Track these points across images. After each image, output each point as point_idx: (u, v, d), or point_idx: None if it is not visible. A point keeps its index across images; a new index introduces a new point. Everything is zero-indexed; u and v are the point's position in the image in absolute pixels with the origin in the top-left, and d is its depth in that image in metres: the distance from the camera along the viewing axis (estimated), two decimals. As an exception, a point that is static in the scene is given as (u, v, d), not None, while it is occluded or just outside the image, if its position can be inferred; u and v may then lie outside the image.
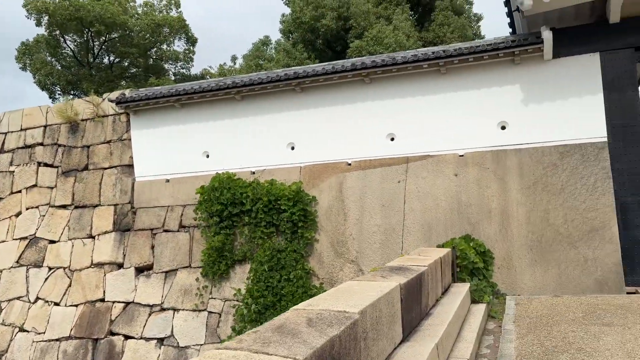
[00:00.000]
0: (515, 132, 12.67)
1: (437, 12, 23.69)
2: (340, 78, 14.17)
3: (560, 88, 12.48)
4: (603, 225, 11.38)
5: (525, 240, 11.87)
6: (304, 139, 14.57)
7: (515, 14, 13.67)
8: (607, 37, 12.27)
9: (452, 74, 13.44)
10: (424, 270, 7.10)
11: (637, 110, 11.86)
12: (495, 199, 12.35)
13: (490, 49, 12.65)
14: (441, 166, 12.97)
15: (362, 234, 13.23)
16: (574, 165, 11.92)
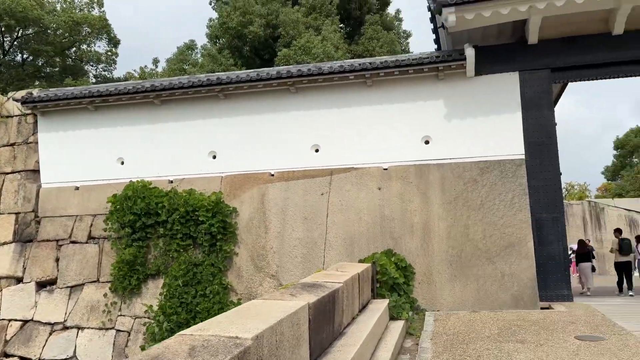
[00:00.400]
0: (439, 147, 12.77)
1: (366, 26, 23.90)
2: (265, 86, 13.79)
3: (481, 105, 12.72)
4: (519, 240, 11.62)
5: (446, 255, 11.91)
6: (226, 148, 14.03)
7: (440, 30, 13.90)
8: (526, 57, 12.67)
9: (378, 87, 13.41)
10: (338, 287, 6.77)
11: (552, 129, 12.27)
12: (417, 214, 12.34)
13: (415, 63, 12.72)
14: (365, 179, 12.84)
15: (284, 247, 12.82)
16: (493, 182, 12.13)
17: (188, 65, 25.51)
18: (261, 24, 22.69)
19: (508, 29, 13.07)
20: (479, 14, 11.64)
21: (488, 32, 13.13)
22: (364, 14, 24.77)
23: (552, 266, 11.64)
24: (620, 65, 12.38)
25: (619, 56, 12.24)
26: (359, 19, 25.14)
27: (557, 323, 9.06)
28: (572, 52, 12.45)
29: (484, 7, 11.53)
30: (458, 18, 11.71)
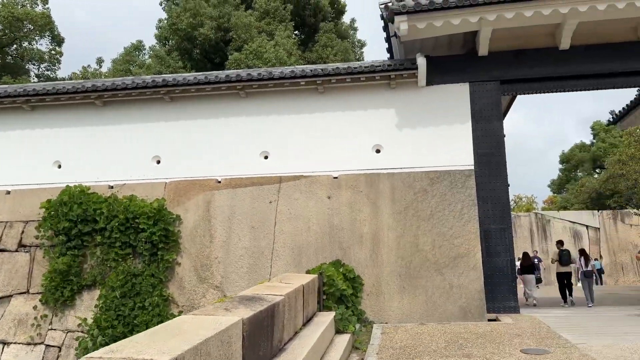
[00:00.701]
0: (390, 156, 12.65)
1: (321, 34, 23.78)
2: (214, 89, 13.35)
3: (432, 115, 12.70)
4: (468, 252, 11.59)
5: (395, 266, 11.75)
6: (172, 153, 13.47)
7: (393, 39, 13.86)
8: (476, 69, 12.75)
9: (330, 94, 13.21)
10: (279, 301, 6.43)
11: (501, 140, 12.36)
12: (367, 223, 12.15)
13: (367, 70, 12.59)
14: (314, 188, 12.57)
15: (229, 257, 12.35)
16: (443, 192, 12.09)
17: (135, 66, 24.62)
18: (212, 27, 22.13)
19: (459, 40, 13.16)
20: (431, 23, 11.63)
21: (440, 43, 13.18)
22: (318, 21, 24.64)
23: (499, 277, 11.66)
24: (567, 80, 12.63)
25: (565, 70, 12.50)
26: (313, 26, 24.98)
27: (503, 336, 8.99)
28: (521, 65, 12.63)
29: (435, 17, 11.53)
30: (410, 27, 11.67)
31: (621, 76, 12.47)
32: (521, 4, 11.21)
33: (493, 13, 11.42)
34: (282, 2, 23.19)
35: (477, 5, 11.29)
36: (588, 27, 12.27)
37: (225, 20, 22.32)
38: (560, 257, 16.05)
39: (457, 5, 11.32)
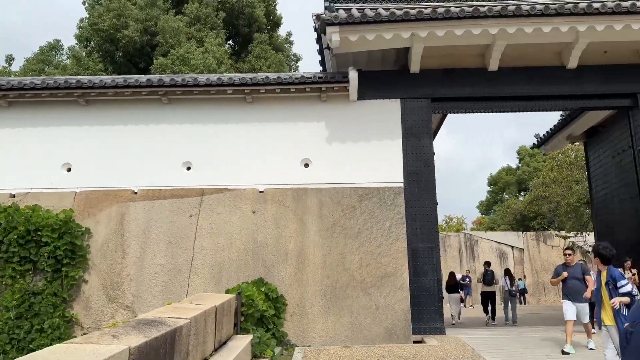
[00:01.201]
0: (318, 170, 12.27)
1: (254, 44, 23.29)
2: (134, 94, 12.52)
3: (363, 130, 12.47)
4: (395, 271, 11.31)
5: (321, 285, 11.28)
6: (85, 160, 12.46)
7: (326, 52, 13.60)
8: (408, 86, 12.68)
9: (259, 104, 12.71)
10: (182, 325, 5.76)
11: (431, 158, 12.28)
12: (293, 240, 11.64)
13: (298, 82, 12.21)
14: (239, 201, 11.94)
15: (143, 274, 11.44)
16: (372, 209, 11.80)
17: (51, 66, 23.06)
18: (137, 29, 21.06)
19: (392, 56, 13.07)
20: (363, 36, 11.44)
21: (373, 58, 13.04)
22: (253, 31, 24.15)
23: (426, 298, 11.44)
24: (495, 101, 12.78)
25: (494, 91, 12.65)
26: (247, 37, 24.46)
27: (428, 359, 8.68)
28: (452, 84, 12.66)
29: (367, 30, 11.34)
30: (342, 39, 11.42)
31: (546, 99, 12.77)
32: (452, 22, 11.22)
33: (424, 30, 11.36)
34: (215, 10, 22.54)
35: (409, 20, 11.21)
36: (516, 50, 12.50)
37: (153, 23, 21.34)
38: (484, 277, 17.01)
39: (389, 20, 11.19)
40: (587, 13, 11.07)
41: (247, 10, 23.42)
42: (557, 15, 11.12)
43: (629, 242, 13.15)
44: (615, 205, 13.96)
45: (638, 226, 12.67)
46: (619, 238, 13.68)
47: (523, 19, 11.17)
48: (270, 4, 25.39)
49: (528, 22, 11.20)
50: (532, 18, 11.17)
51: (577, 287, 9.85)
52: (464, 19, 11.17)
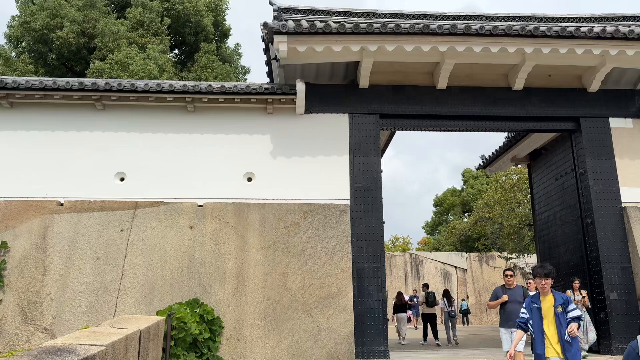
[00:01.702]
0: (262, 185, 11.73)
1: (200, 54, 22.60)
2: (64, 97, 11.67)
3: (310, 144, 12.07)
4: (339, 292, 10.84)
5: (260, 306, 10.65)
6: (5, 168, 11.47)
7: (273, 63, 13.16)
8: (356, 101, 12.41)
9: (201, 114, 12.10)
10: (95, 353, 5.07)
11: (378, 176, 11.99)
12: (232, 258, 10.99)
13: (243, 92, 11.70)
14: (176, 216, 11.21)
15: (65, 293, 10.47)
16: (316, 227, 11.33)
17: (-28, 66, 21.48)
18: (73, 30, 19.89)
19: (341, 70, 12.79)
20: (311, 47, 11.10)
21: (321, 71, 12.71)
22: (199, 41, 23.43)
23: (370, 320, 11.02)
24: (443, 119, 12.68)
25: (442, 110, 12.55)
26: (193, 46, 23.72)
27: (370, 386, 8.21)
28: (400, 101, 12.48)
29: (316, 41, 11.02)
30: (290, 49, 11.04)
31: (492, 120, 12.78)
32: (402, 37, 11.06)
33: (374, 44, 11.14)
34: (160, 16, 21.69)
35: (358, 33, 10.96)
36: (464, 70, 12.48)
37: (91, 25, 20.22)
38: (427, 299, 17.21)
39: (338, 32, 10.91)
40: (534, 35, 11.16)
41: (194, 18, 22.72)
42: (505, 35, 11.16)
43: (571, 263, 13.25)
44: (557, 227, 14.10)
45: (580, 248, 12.78)
46: (562, 259, 13.79)
47: (472, 38, 11.15)
48: (219, 14, 24.80)
49: (477, 41, 11.18)
50: (481, 37, 11.16)
51: (516, 312, 8.33)
52: (414, 34, 11.03)
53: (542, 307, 5.94)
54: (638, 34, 11.33)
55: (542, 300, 6.02)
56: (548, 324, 5.83)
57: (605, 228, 12.02)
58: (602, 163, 12.44)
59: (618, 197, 12.26)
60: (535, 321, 5.93)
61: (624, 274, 11.74)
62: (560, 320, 5.78)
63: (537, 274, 6.01)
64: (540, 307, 5.94)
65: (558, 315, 5.81)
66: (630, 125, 12.84)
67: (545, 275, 5.97)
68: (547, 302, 5.95)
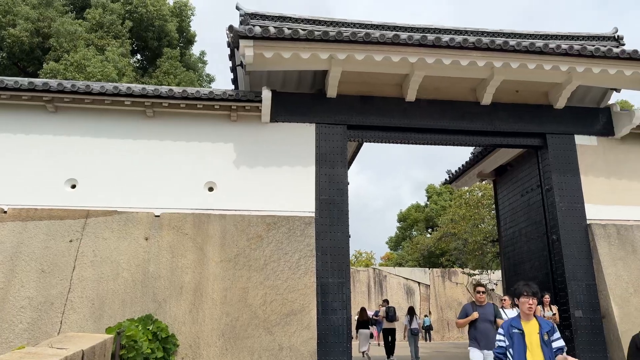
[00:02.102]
0: (224, 195, 11.23)
1: (163, 59, 21.92)
2: (12, 98, 10.97)
3: (275, 154, 11.65)
4: (302, 308, 10.38)
5: (219, 323, 10.08)
6: (-57, 171, 10.58)
7: (239, 70, 12.78)
8: (324, 110, 12.09)
9: (161, 119, 11.56)
10: (25, 379, 4.45)
11: (345, 188, 11.65)
12: (190, 272, 10.41)
13: (206, 97, 11.23)
14: (130, 226, 10.57)
15: (5, 309, 9.67)
16: (280, 239, 10.88)
17: None
18: (27, 29, 18.93)
19: (309, 78, 12.47)
20: (279, 54, 10.73)
21: (288, 80, 12.36)
22: (163, 46, 22.76)
23: (334, 338, 10.59)
24: (411, 132, 12.48)
25: (410, 123, 12.35)
26: (156, 51, 23.01)
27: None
28: (369, 112, 12.23)
29: (284, 48, 10.66)
30: (256, 55, 10.65)
31: (460, 134, 12.65)
32: (372, 46, 10.82)
33: (343, 52, 10.86)
34: (121, 18, 20.94)
35: (327, 41, 10.67)
36: (433, 83, 12.34)
37: (46, 24, 19.31)
38: (387, 314, 17.67)
39: (307, 38, 10.59)
40: (503, 49, 11.11)
41: (157, 22, 22.04)
42: (475, 49, 11.06)
43: (536, 279, 13.14)
44: (523, 243, 14.04)
45: (545, 264, 12.71)
46: (527, 276, 13.70)
47: (442, 50, 11.00)
48: (184, 20, 24.18)
49: (447, 53, 11.04)
50: (451, 50, 11.02)
51: (487, 332, 8.47)
52: (384, 44, 10.81)
53: (525, 333, 5.07)
54: (604, 52, 11.43)
55: (525, 324, 5.15)
56: (532, 354, 4.98)
57: (570, 245, 11.98)
58: (568, 180, 12.44)
59: (583, 214, 12.26)
60: (517, 349, 5.04)
61: (588, 291, 11.69)
62: (546, 350, 4.99)
63: (522, 293, 5.16)
64: (524, 333, 5.05)
65: (544, 343, 5.01)
66: (594, 142, 12.92)
67: (533, 295, 5.15)
68: (530, 327, 5.08)
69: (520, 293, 5.23)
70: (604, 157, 12.83)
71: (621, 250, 11.99)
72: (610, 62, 11.54)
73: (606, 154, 12.87)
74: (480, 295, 8.86)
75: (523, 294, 5.18)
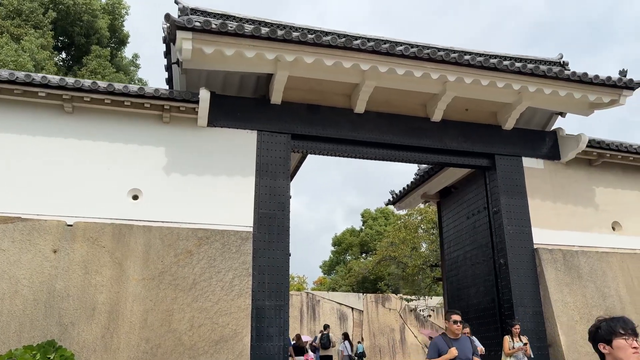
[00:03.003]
0: (150, 205, 9.98)
1: (91, 57, 20.20)
2: None
3: (211, 162, 10.57)
4: (235, 334, 9.23)
5: (137, 351, 8.74)
6: None
7: (175, 69, 11.65)
8: (267, 117, 11.17)
9: (81, 116, 10.22)
10: None
11: (287, 202, 10.71)
12: (105, 291, 9.03)
13: (135, 94, 10.02)
14: (35, 236, 9.09)
15: None
16: (212, 256, 9.73)
17: None
18: None
19: (251, 83, 11.56)
20: (220, 50, 9.76)
21: (229, 83, 11.40)
22: (91, 43, 21.04)
23: (269, 368, 9.46)
24: (359, 146, 11.80)
25: (358, 135, 11.67)
26: (84, 48, 21.24)
27: None
28: (315, 122, 11.44)
29: (226, 43, 9.71)
30: (195, 49, 9.63)
31: (409, 150, 12.09)
32: (323, 49, 10.07)
33: (292, 54, 10.03)
34: (43, 7, 19.09)
35: (275, 40, 9.81)
36: (383, 95, 11.76)
37: (-47, 8, 17.33)
38: (321, 341, 17.90)
39: (253, 35, 9.68)
40: (457, 63, 10.69)
41: (86, 17, 20.34)
42: (429, 60, 10.57)
43: (481, 305, 12.67)
44: (467, 267, 13.57)
45: (491, 290, 12.25)
46: (471, 302, 13.21)
47: (396, 59, 10.43)
48: (116, 18, 22.55)
49: (400, 62, 10.48)
50: (405, 59, 10.48)
51: None
52: (336, 48, 10.09)
53: None
54: (556, 73, 11.29)
55: None
56: None
57: (518, 269, 11.57)
58: (516, 202, 12.11)
59: (530, 238, 11.93)
60: None
61: (535, 318, 11.27)
62: None
63: (617, 333, 3.05)
64: None
65: None
66: (541, 166, 12.73)
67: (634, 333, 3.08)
68: None
69: (612, 332, 3.16)
70: (550, 180, 12.65)
71: (567, 276, 11.71)
72: (561, 83, 11.40)
73: (552, 178, 12.70)
74: (457, 326, 6.92)
75: (619, 333, 3.12)
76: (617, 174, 13.28)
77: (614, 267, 12.26)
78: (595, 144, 12.49)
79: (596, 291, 11.77)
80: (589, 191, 12.90)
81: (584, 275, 11.86)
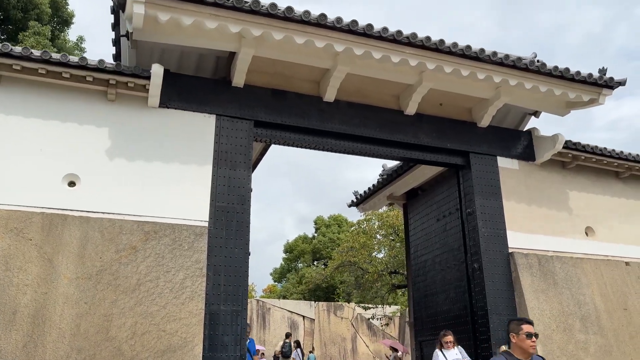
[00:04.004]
0: (89, 193, 8.65)
1: (28, 34, 18.32)
2: None
3: (163, 147, 9.35)
4: (184, 343, 8.00)
5: (66, 363, 7.35)
6: None
7: (123, 42, 10.30)
8: (227, 101, 10.05)
9: (10, 88, 8.84)
10: None
11: (247, 195, 9.58)
12: (30, 291, 7.63)
13: (76, 65, 8.68)
14: (-55, 224, 7.58)
15: None
16: (161, 253, 8.48)
17: None
18: None
19: (210, 64, 10.45)
20: (177, 19, 8.60)
21: (185, 62, 10.24)
22: (29, 19, 19.14)
23: (223, 382, 8.27)
24: (328, 137, 10.82)
25: (327, 126, 10.69)
26: (20, 23, 19.30)
27: None
28: (281, 109, 10.39)
29: (184, 10, 8.57)
30: (147, 17, 8.44)
31: (381, 144, 11.21)
32: (293, 24, 9.06)
33: (259, 27, 8.96)
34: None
35: (240, 10, 8.72)
36: (355, 83, 10.86)
37: None
38: (282, 349, 17.74)
39: (216, 3, 8.55)
40: (438, 49, 9.91)
41: (24, -9, 18.52)
42: (409, 45, 9.74)
43: (451, 313, 11.89)
44: (436, 272, 12.78)
45: (463, 296, 11.48)
46: (440, 309, 12.42)
47: (373, 40, 9.53)
48: (60, -6, 20.74)
49: (378, 45, 9.58)
50: (383, 42, 9.60)
51: None
52: (308, 24, 9.09)
53: None
54: (538, 66, 10.69)
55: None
56: None
57: (493, 275, 10.84)
58: (491, 204, 11.42)
59: (505, 241, 11.24)
60: None
61: (510, 327, 10.54)
62: None
63: None
64: None
65: None
66: (516, 166, 12.13)
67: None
68: None
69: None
70: (525, 182, 12.05)
71: (543, 283, 11.08)
72: (542, 78, 10.79)
73: (527, 180, 12.11)
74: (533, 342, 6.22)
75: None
76: (590, 178, 12.85)
77: (588, 273, 11.75)
78: (571, 145, 12.00)
79: (572, 298, 11.19)
80: (562, 194, 12.39)
81: (560, 282, 11.27)
